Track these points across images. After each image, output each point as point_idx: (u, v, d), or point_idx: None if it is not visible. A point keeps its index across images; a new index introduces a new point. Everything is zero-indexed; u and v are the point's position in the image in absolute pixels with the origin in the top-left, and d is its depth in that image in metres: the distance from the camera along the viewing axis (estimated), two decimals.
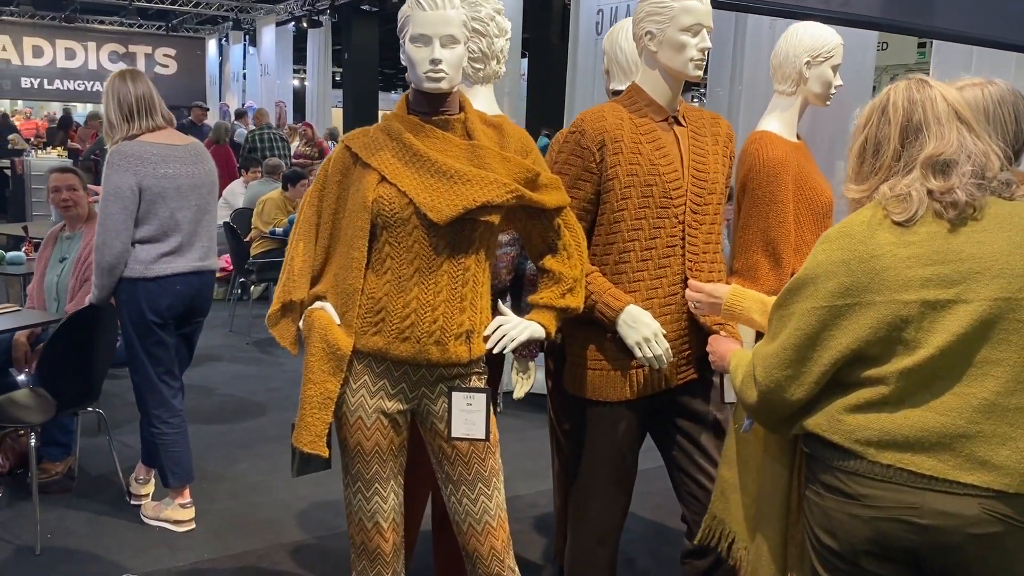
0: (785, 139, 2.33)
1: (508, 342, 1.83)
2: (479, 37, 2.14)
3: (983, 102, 1.74)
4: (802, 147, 2.40)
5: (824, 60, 2.33)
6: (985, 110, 1.73)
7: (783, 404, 1.56)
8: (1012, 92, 1.74)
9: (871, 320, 1.45)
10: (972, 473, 1.41)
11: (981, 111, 1.74)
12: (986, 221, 1.45)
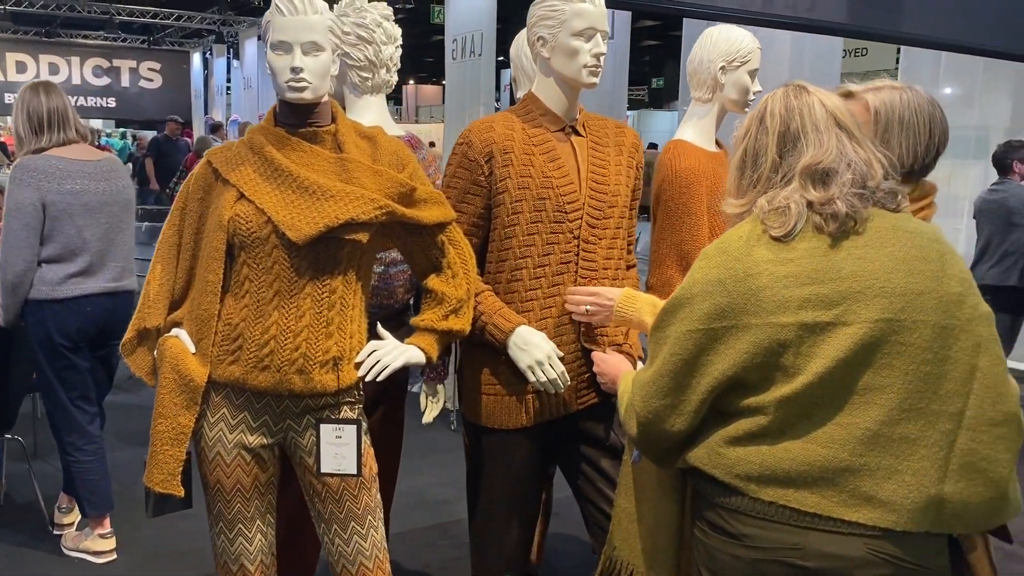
0: (700, 148, 2.22)
1: (381, 369, 1.70)
2: (365, 44, 2.02)
3: (899, 107, 1.62)
4: (720, 156, 2.28)
5: (740, 65, 2.22)
6: (900, 116, 1.61)
7: (664, 436, 1.44)
8: (930, 102, 1.62)
9: (747, 344, 1.33)
10: (857, 510, 1.29)
11: (896, 116, 1.62)
12: (868, 236, 1.33)
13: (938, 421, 1.29)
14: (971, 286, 1.33)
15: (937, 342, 1.29)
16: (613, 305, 1.86)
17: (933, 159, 1.63)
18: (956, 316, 1.30)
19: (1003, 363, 1.31)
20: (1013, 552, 3.32)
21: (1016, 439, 1.30)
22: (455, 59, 8.80)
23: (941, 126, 1.60)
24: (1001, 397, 1.29)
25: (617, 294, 1.87)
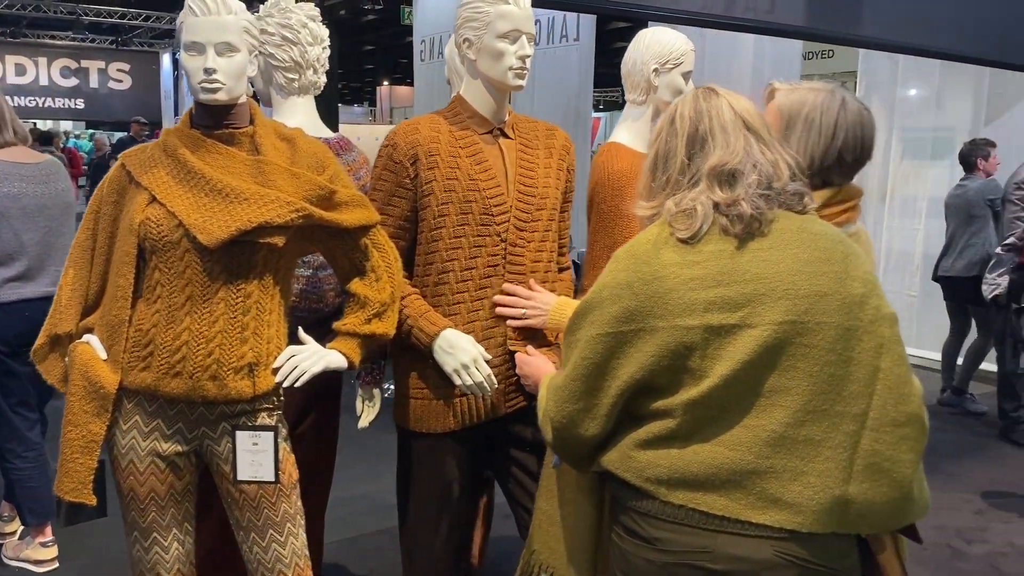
0: (634, 150, 2.21)
1: (299, 374, 1.68)
2: (290, 46, 2.00)
3: (805, 108, 1.61)
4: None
5: (673, 67, 2.22)
6: (806, 116, 1.60)
7: (578, 440, 1.44)
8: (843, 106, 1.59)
9: (654, 347, 1.33)
10: (764, 512, 1.29)
11: (800, 115, 1.61)
12: (773, 237, 1.33)
13: (842, 422, 1.29)
14: (875, 287, 1.33)
15: (840, 343, 1.29)
16: (548, 311, 1.85)
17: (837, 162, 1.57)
18: (859, 317, 1.30)
19: (905, 364, 1.31)
20: (960, 550, 3.36)
21: (919, 439, 1.31)
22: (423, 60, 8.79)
23: (853, 131, 1.57)
24: (903, 398, 1.30)
25: (552, 301, 1.86)
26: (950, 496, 3.89)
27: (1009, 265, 4.23)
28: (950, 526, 3.56)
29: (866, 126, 1.61)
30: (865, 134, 1.61)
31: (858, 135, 1.59)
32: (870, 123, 1.62)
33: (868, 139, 1.62)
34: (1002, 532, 3.52)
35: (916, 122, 6.31)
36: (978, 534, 3.50)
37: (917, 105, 6.31)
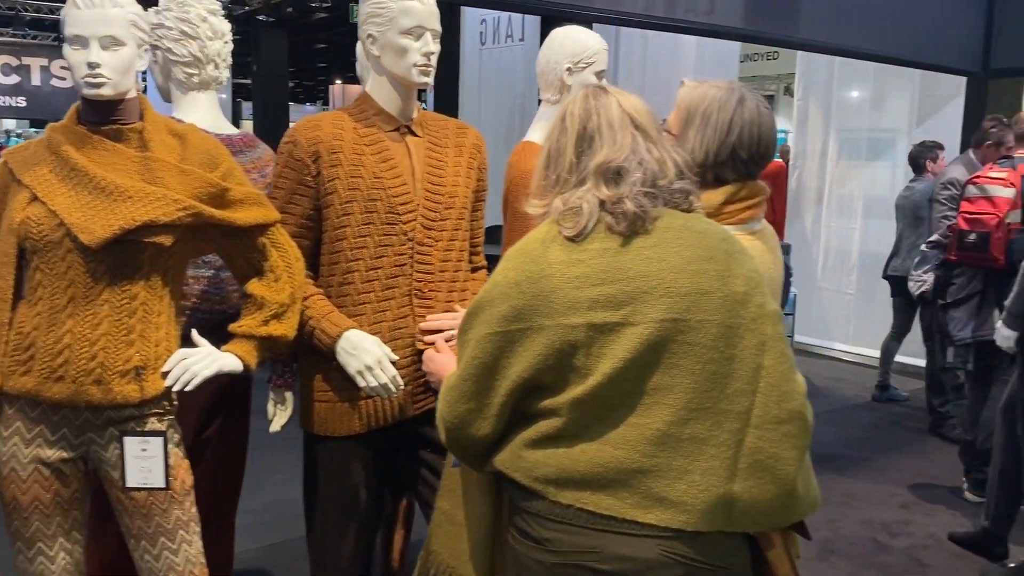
0: None
1: (190, 378, 1.64)
2: (188, 40, 1.95)
3: (703, 103, 1.62)
4: None
5: (586, 66, 2.21)
6: (704, 111, 1.61)
7: (471, 441, 1.42)
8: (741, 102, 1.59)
9: (540, 346, 1.31)
10: (650, 511, 1.29)
11: (698, 111, 1.61)
12: (656, 235, 1.33)
13: (726, 420, 1.29)
14: (757, 286, 1.33)
15: (722, 341, 1.29)
16: None
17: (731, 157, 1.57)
18: (741, 315, 1.30)
19: (788, 361, 1.32)
20: (884, 544, 3.41)
21: (801, 436, 1.31)
22: None
23: (749, 129, 1.57)
24: (786, 395, 1.30)
25: None
26: (878, 490, 3.96)
27: (934, 262, 4.31)
28: (876, 520, 3.62)
29: (764, 125, 1.61)
30: (762, 132, 1.61)
31: (754, 133, 1.59)
32: (768, 122, 1.62)
33: (765, 137, 1.62)
34: (925, 525, 3.58)
35: (853, 123, 6.42)
36: (902, 527, 3.56)
37: (854, 106, 6.42)
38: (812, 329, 6.56)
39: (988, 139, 4.37)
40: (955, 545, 3.37)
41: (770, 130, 1.63)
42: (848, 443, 4.64)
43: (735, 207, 1.63)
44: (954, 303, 3.97)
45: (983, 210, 3.74)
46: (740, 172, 1.62)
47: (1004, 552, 3.24)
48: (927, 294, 4.36)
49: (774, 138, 1.64)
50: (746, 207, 1.65)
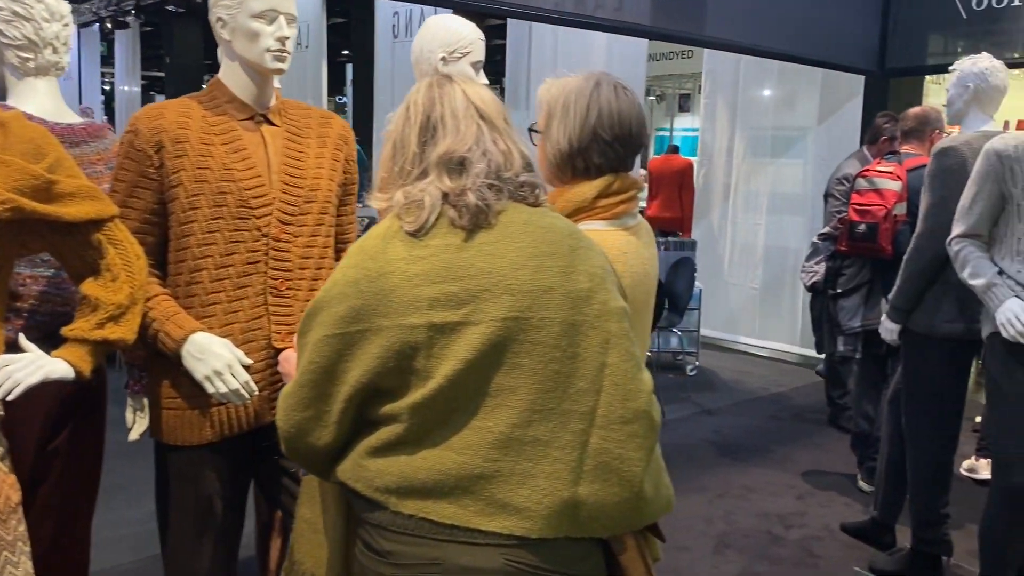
0: None
1: (12, 386, 1.50)
2: (22, 22, 1.80)
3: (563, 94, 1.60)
4: None
5: (461, 56, 2.14)
6: (563, 102, 1.58)
7: (312, 450, 1.33)
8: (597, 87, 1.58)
9: (379, 348, 1.24)
10: (493, 519, 1.22)
11: (559, 103, 1.59)
12: (499, 230, 1.27)
13: (570, 421, 1.24)
14: (602, 282, 1.28)
15: (565, 339, 1.24)
16: None
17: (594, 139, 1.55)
18: (584, 312, 1.25)
19: (633, 359, 1.27)
20: (778, 536, 3.44)
21: (647, 436, 1.26)
22: None
23: (608, 108, 1.55)
24: (630, 394, 1.25)
25: None
26: (776, 482, 4.01)
27: (825, 253, 4.38)
28: (773, 512, 3.66)
29: (623, 106, 1.59)
30: (622, 113, 1.58)
31: (613, 113, 1.56)
32: (629, 104, 1.60)
33: (627, 117, 1.59)
34: (819, 516, 3.64)
35: (758, 121, 6.52)
36: (797, 519, 3.61)
37: (758, 104, 6.52)
38: (719, 323, 6.66)
39: (882, 135, 4.47)
40: (847, 535, 3.43)
41: (630, 111, 1.60)
42: (750, 435, 4.70)
43: (608, 201, 1.60)
44: (844, 293, 4.05)
45: (872, 202, 3.82)
46: (608, 156, 1.58)
47: (892, 541, 3.31)
48: (818, 284, 4.44)
49: (638, 120, 1.61)
50: (619, 201, 1.61)
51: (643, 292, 1.63)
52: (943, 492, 3.01)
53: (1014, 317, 2.45)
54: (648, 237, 1.71)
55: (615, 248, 1.56)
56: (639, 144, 1.63)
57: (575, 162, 1.58)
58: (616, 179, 1.61)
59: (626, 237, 1.61)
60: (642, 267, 1.63)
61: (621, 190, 1.61)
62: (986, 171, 2.55)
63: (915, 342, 2.96)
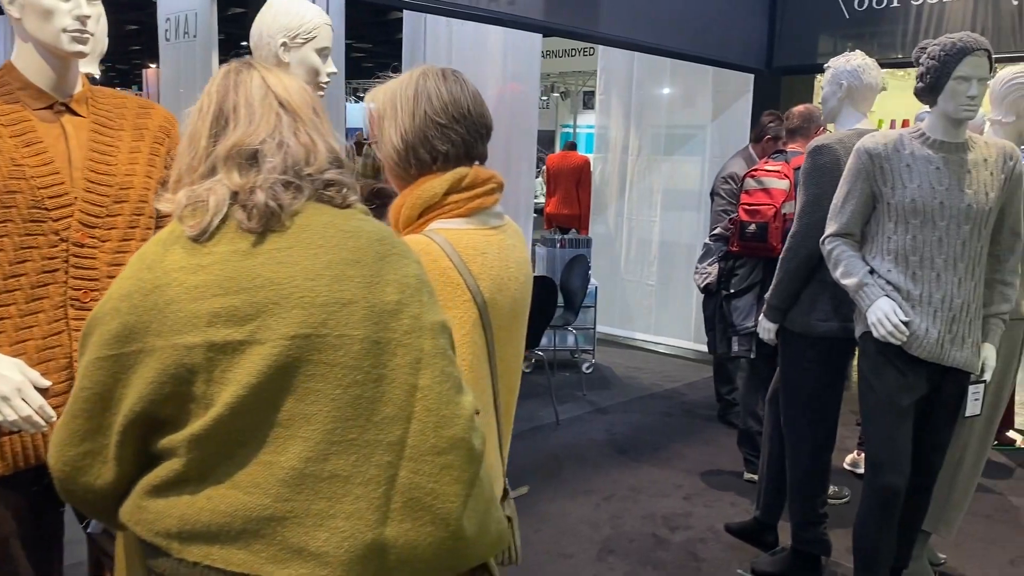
0: None
1: None
2: None
3: (398, 90, 1.48)
4: None
5: (304, 42, 1.97)
6: (392, 99, 1.48)
7: (92, 491, 1.16)
8: (424, 76, 1.48)
9: (153, 372, 1.07)
10: (287, 566, 1.08)
11: (389, 103, 1.48)
12: (294, 234, 1.11)
13: (375, 453, 1.10)
14: (416, 294, 1.15)
15: (369, 360, 1.09)
16: None
17: (429, 124, 1.45)
18: (391, 328, 1.11)
19: (450, 380, 1.14)
20: (663, 539, 3.38)
21: (465, 467, 1.13)
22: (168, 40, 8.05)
23: (437, 92, 1.45)
24: (445, 420, 1.12)
25: None
26: (664, 481, 3.97)
27: (718, 254, 4.38)
28: (659, 513, 3.62)
29: (453, 88, 1.48)
30: (453, 93, 1.47)
31: (443, 95, 1.46)
32: (460, 87, 1.49)
33: (459, 98, 1.48)
34: (705, 517, 3.61)
35: (652, 118, 6.52)
36: (683, 520, 3.57)
37: (653, 101, 6.52)
38: (616, 320, 6.64)
39: (766, 133, 4.49)
40: (731, 536, 3.41)
41: (462, 93, 1.49)
42: (641, 433, 4.67)
43: (461, 196, 1.47)
44: (737, 293, 4.04)
45: (761, 201, 3.81)
46: (452, 140, 1.47)
47: (774, 540, 3.30)
48: (711, 285, 4.43)
49: (474, 101, 1.50)
50: (472, 196, 1.49)
51: (509, 297, 1.51)
52: (821, 491, 3.01)
53: (884, 316, 2.44)
54: (517, 239, 1.59)
55: (470, 247, 1.44)
56: (482, 126, 1.52)
57: (417, 154, 1.47)
58: (469, 172, 1.49)
59: (485, 236, 1.49)
60: (506, 270, 1.50)
61: (475, 184, 1.49)
62: (857, 170, 2.53)
63: (792, 341, 2.94)
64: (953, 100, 2.39)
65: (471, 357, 1.43)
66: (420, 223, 1.48)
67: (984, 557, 3.33)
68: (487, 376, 1.51)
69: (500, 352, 1.52)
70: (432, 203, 1.47)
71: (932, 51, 2.44)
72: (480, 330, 1.46)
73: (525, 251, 1.63)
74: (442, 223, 1.47)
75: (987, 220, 2.45)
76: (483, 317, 1.46)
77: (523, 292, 1.58)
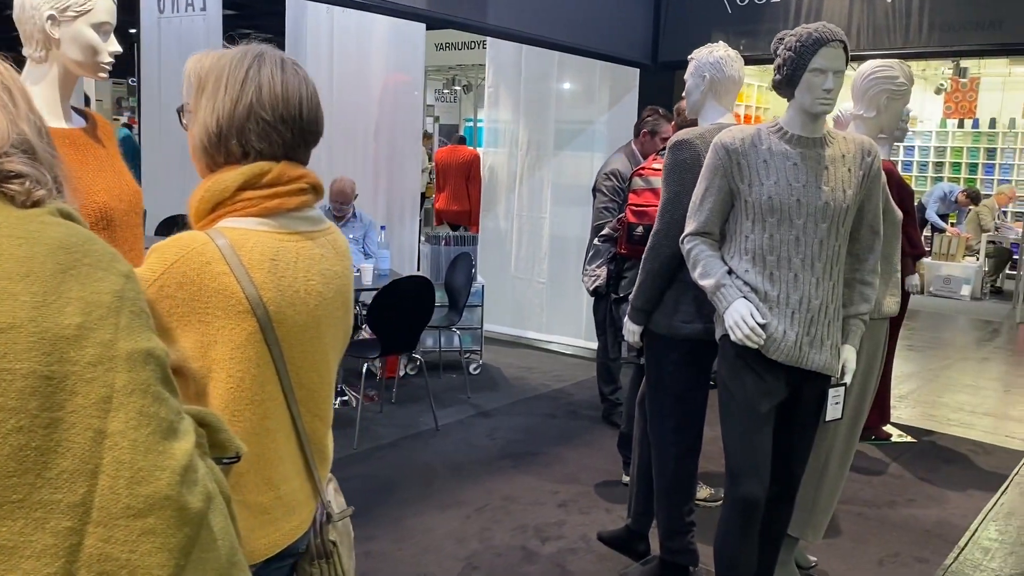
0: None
1: None
2: None
3: (215, 68, 1.30)
4: (74, 133, 1.77)
5: (77, 15, 1.71)
6: (217, 76, 1.30)
7: None
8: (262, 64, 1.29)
9: None
10: None
11: (212, 76, 1.30)
12: None
13: (50, 517, 0.87)
14: (109, 315, 0.92)
15: (36, 400, 0.87)
16: None
17: (251, 119, 1.28)
18: (70, 360, 0.89)
19: (152, 424, 0.92)
20: (532, 551, 3.23)
21: (171, 533, 0.92)
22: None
23: (270, 85, 1.27)
24: (142, 475, 0.90)
25: None
26: (540, 489, 3.83)
27: (607, 256, 4.25)
28: (531, 524, 3.46)
29: (291, 82, 1.31)
30: (289, 87, 1.30)
31: (275, 90, 1.29)
32: (299, 82, 1.32)
33: (295, 96, 1.31)
34: (579, 525, 3.48)
35: (541, 112, 6.39)
36: (555, 530, 3.43)
37: (542, 95, 6.38)
38: (508, 319, 6.50)
39: (643, 128, 4.40)
40: (603, 545, 3.28)
41: (299, 89, 1.31)
42: (523, 437, 4.53)
43: (257, 194, 1.29)
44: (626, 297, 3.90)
45: (648, 202, 3.67)
46: (271, 139, 1.30)
47: (646, 549, 3.19)
48: (600, 288, 4.31)
49: (310, 102, 1.33)
50: (272, 195, 1.30)
51: (306, 313, 1.32)
52: (687, 499, 2.91)
53: (740, 319, 2.33)
54: (330, 249, 1.39)
55: (257, 252, 1.26)
56: (311, 132, 1.35)
57: (229, 145, 1.30)
58: (272, 168, 1.30)
59: (281, 241, 1.29)
60: (305, 282, 1.31)
61: (276, 181, 1.30)
62: (715, 166, 2.42)
63: (656, 344, 2.82)
64: (809, 93, 2.30)
65: (243, 376, 1.25)
66: (211, 219, 1.30)
67: (853, 557, 3.30)
68: (277, 398, 1.33)
69: (297, 374, 1.34)
70: (222, 199, 1.29)
71: (788, 42, 2.35)
72: (261, 347, 1.27)
73: (342, 263, 1.43)
74: (232, 221, 1.28)
75: (845, 218, 2.37)
76: (266, 332, 1.27)
77: (329, 308, 1.38)
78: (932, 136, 11.79)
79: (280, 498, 1.37)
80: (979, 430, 4.97)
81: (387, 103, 5.96)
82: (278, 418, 1.33)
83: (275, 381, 1.31)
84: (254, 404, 1.29)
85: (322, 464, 1.47)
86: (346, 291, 1.43)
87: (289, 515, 1.39)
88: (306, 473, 1.42)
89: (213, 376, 1.26)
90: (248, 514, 1.31)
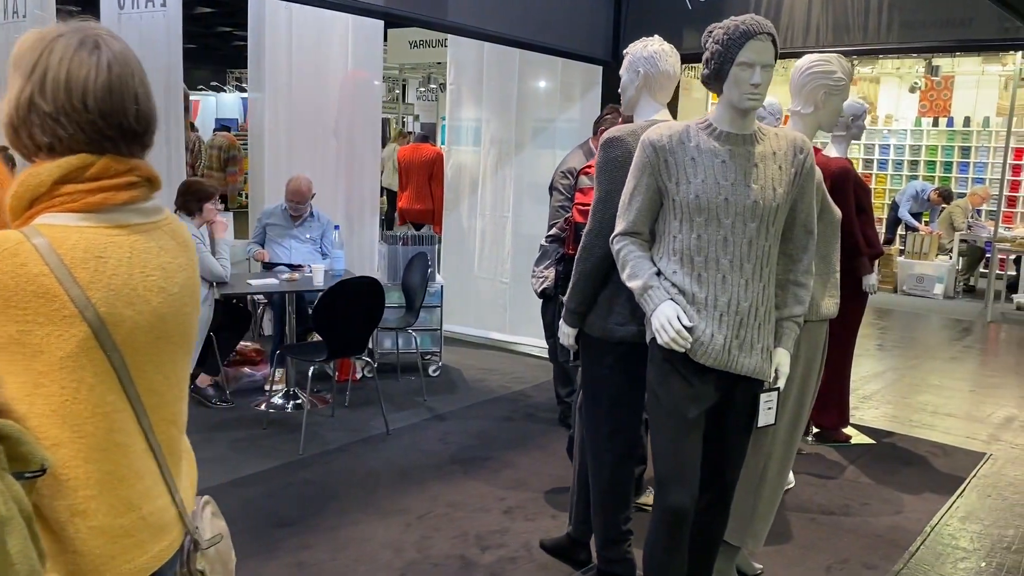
0: None
1: None
2: None
3: (21, 46, 1.20)
4: None
5: None
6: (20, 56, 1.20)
7: None
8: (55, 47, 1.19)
9: None
10: None
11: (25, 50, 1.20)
12: None
13: None
14: None
15: None
16: None
17: (31, 111, 1.18)
18: None
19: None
20: (471, 561, 3.14)
21: None
22: None
23: (55, 74, 1.17)
24: None
25: None
26: (486, 495, 3.74)
27: (555, 256, 4.16)
28: (472, 531, 3.37)
29: (86, 63, 1.19)
30: (78, 74, 1.18)
31: (59, 75, 1.17)
32: (95, 66, 1.19)
33: (84, 86, 1.18)
34: (522, 532, 3.39)
35: (503, 110, 6.30)
36: (497, 538, 3.34)
37: (503, 93, 6.29)
38: (470, 319, 6.40)
39: (602, 125, 4.31)
40: (545, 553, 3.20)
41: (93, 75, 1.19)
42: (475, 441, 4.43)
43: (78, 188, 1.18)
44: None
45: None
46: (57, 135, 1.18)
47: (587, 557, 3.11)
48: (549, 290, 4.21)
49: (96, 87, 1.19)
50: (96, 189, 1.20)
51: (147, 312, 1.22)
52: (624, 507, 2.82)
53: (667, 322, 2.25)
54: (167, 240, 1.29)
55: (80, 249, 1.15)
56: (117, 125, 1.21)
57: (20, 136, 1.20)
58: (95, 161, 1.19)
59: (109, 236, 1.19)
60: (143, 279, 1.21)
61: (101, 175, 1.19)
62: (643, 164, 2.33)
63: (591, 347, 2.74)
64: (737, 88, 2.22)
65: (77, 387, 1.15)
66: (27, 216, 1.19)
67: (801, 564, 3.23)
68: (124, 409, 1.22)
69: (144, 379, 1.23)
70: (39, 193, 1.18)
71: (716, 35, 2.27)
72: (97, 353, 1.16)
73: (185, 254, 1.33)
74: (50, 218, 1.18)
75: (775, 217, 2.29)
76: (100, 338, 1.16)
77: (175, 304, 1.28)
78: (907, 135, 11.76)
79: (144, 519, 1.27)
80: (940, 431, 4.91)
81: (346, 100, 5.86)
82: (128, 431, 1.23)
83: (118, 391, 1.21)
84: (96, 417, 1.19)
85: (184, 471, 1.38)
86: (193, 283, 1.33)
87: (158, 536, 1.29)
88: (169, 492, 1.33)
89: (42, 390, 1.16)
90: (106, 539, 1.21)
